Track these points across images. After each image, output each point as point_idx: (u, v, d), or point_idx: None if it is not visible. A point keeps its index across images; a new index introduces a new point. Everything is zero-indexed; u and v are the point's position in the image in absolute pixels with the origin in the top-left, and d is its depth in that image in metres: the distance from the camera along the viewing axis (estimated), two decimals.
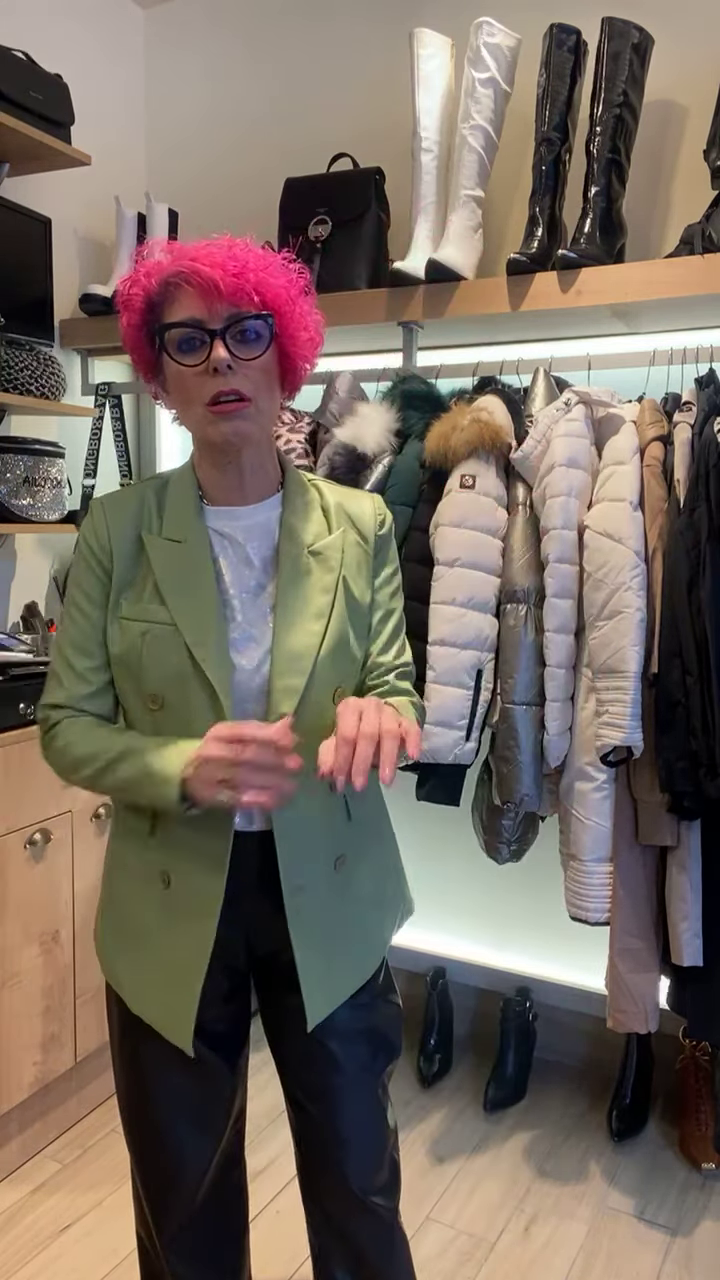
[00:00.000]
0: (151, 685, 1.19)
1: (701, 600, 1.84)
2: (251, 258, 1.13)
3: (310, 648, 1.20)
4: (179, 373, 1.16)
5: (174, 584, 1.19)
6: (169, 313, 1.15)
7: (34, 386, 2.33)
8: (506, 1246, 1.94)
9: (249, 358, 1.14)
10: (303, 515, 1.26)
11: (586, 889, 2.01)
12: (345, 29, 2.60)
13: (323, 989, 1.26)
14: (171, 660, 1.18)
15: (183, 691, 1.18)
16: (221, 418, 1.14)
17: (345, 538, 1.27)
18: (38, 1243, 1.94)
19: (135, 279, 1.17)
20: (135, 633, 1.19)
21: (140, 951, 1.26)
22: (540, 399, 2.11)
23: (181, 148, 2.87)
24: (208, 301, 1.12)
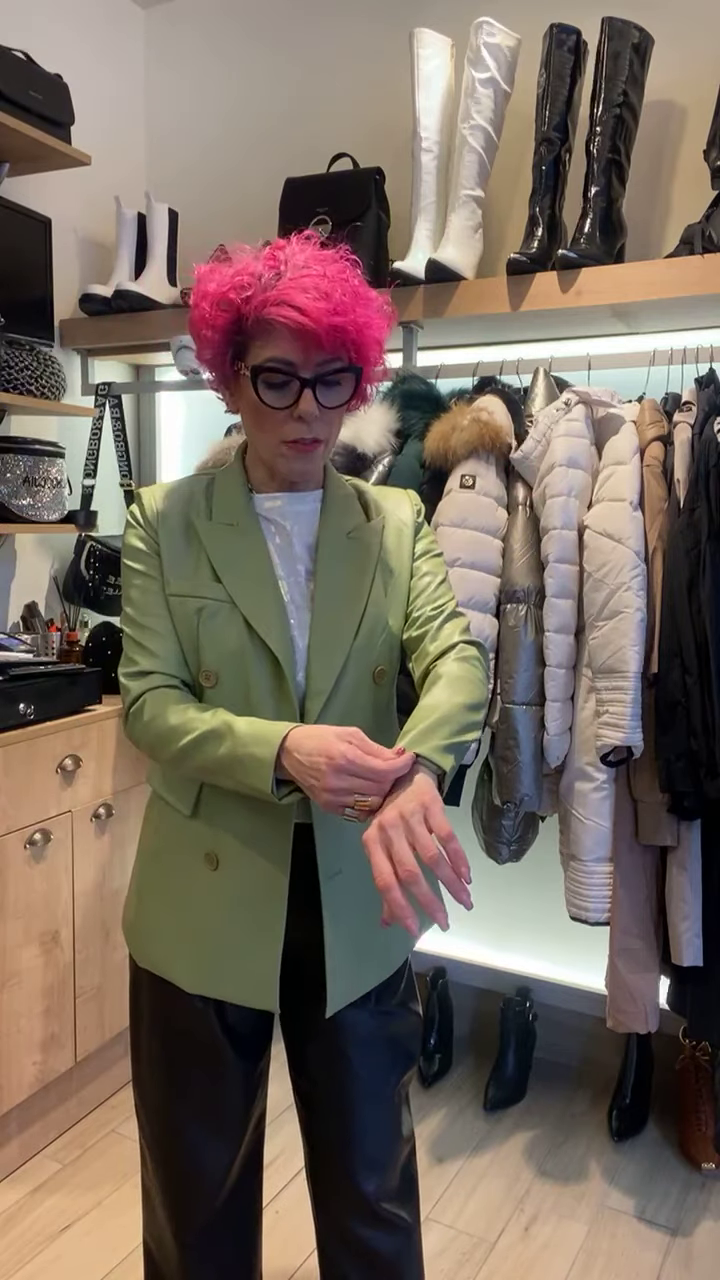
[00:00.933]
0: (209, 662, 1.21)
1: (701, 600, 1.84)
2: (351, 304, 1.13)
3: (349, 627, 1.23)
4: (260, 406, 1.18)
5: (230, 563, 1.22)
6: (261, 343, 1.15)
7: (34, 386, 2.33)
8: (506, 1246, 1.94)
9: (334, 405, 1.18)
10: (343, 505, 1.31)
11: (586, 889, 2.01)
12: (345, 29, 2.60)
13: (346, 976, 1.25)
14: (230, 636, 1.20)
15: (241, 667, 1.20)
16: (296, 456, 1.20)
17: (384, 523, 1.32)
18: (38, 1243, 1.94)
19: (223, 294, 1.14)
20: (190, 609, 1.21)
21: (196, 932, 1.25)
22: (540, 399, 2.11)
23: (181, 148, 2.87)
24: (305, 349, 1.14)
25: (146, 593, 1.24)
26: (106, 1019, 2.32)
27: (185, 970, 1.26)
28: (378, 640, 1.26)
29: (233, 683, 1.21)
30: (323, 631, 1.22)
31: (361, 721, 1.26)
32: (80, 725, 2.18)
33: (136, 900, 1.34)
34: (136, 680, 1.23)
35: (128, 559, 1.27)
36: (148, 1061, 1.33)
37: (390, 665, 1.30)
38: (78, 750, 2.18)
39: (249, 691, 1.20)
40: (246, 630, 1.20)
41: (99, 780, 2.26)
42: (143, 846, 1.35)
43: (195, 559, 1.24)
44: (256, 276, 1.13)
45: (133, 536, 1.27)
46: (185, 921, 1.26)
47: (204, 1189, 1.32)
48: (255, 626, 1.19)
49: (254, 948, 1.23)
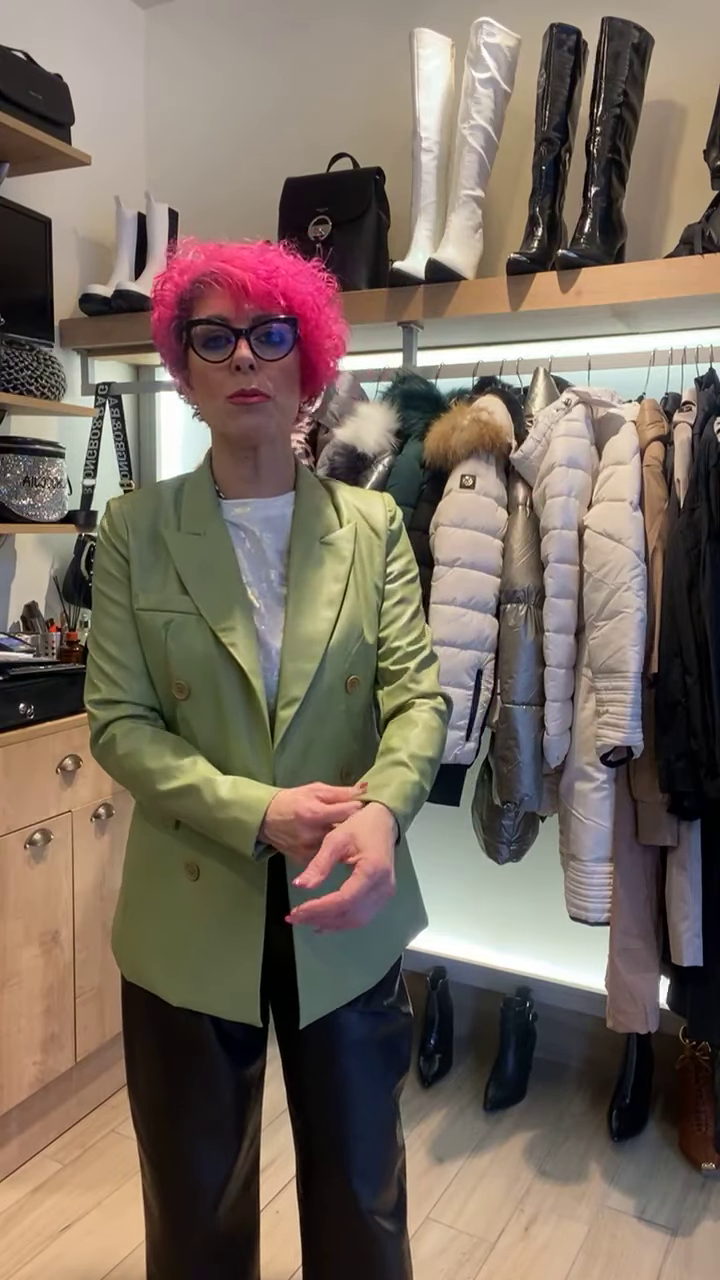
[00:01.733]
0: (178, 674, 1.21)
1: (701, 600, 1.84)
2: (282, 263, 1.18)
3: (322, 634, 1.23)
4: (203, 368, 1.20)
5: (196, 574, 1.23)
6: (198, 310, 1.19)
7: (34, 386, 2.33)
8: (506, 1246, 1.94)
9: (272, 359, 1.19)
10: (315, 509, 1.30)
11: (586, 889, 2.01)
12: (345, 29, 2.60)
13: (322, 987, 1.25)
14: (198, 648, 1.20)
15: (211, 679, 1.20)
16: (241, 409, 1.18)
17: (357, 530, 1.31)
18: (38, 1243, 1.94)
19: (169, 275, 1.21)
20: (158, 624, 1.22)
21: (178, 944, 1.25)
22: (540, 399, 2.11)
23: (181, 148, 2.87)
24: (236, 302, 1.16)
25: (116, 621, 1.25)
26: (106, 1019, 2.32)
27: (170, 984, 1.26)
28: (352, 649, 1.26)
29: (204, 694, 1.21)
30: (295, 639, 1.22)
31: (335, 729, 1.26)
32: (80, 725, 2.18)
33: (122, 913, 1.34)
34: (103, 709, 1.24)
35: (98, 581, 1.28)
36: (143, 1074, 1.32)
37: (364, 674, 1.29)
38: (78, 750, 2.18)
39: (220, 703, 1.21)
40: (214, 641, 1.20)
41: (99, 780, 2.26)
42: (128, 859, 1.35)
43: (164, 571, 1.24)
44: (191, 262, 1.20)
45: (102, 557, 1.27)
46: (168, 934, 1.26)
47: (203, 1199, 1.32)
48: (222, 638, 1.19)
49: (234, 960, 1.23)
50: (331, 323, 1.24)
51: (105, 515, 1.29)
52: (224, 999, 1.24)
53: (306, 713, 1.22)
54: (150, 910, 1.28)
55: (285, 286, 1.17)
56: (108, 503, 1.30)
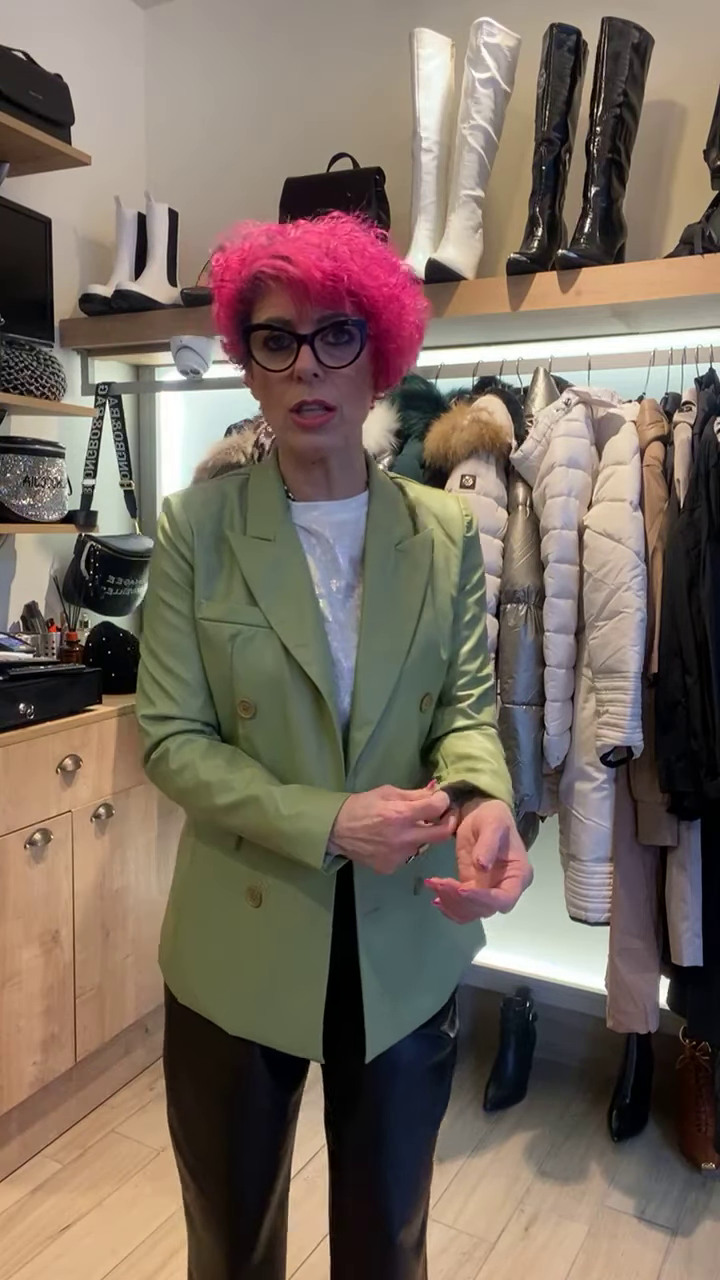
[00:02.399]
0: (244, 692, 1.12)
1: (701, 600, 1.84)
2: (351, 253, 1.04)
3: (400, 649, 1.14)
4: (264, 375, 1.10)
5: (266, 584, 1.12)
6: (259, 308, 1.08)
7: (34, 386, 2.33)
8: (506, 1246, 1.94)
9: (338, 365, 1.07)
10: (390, 513, 1.20)
11: (586, 889, 2.01)
12: (345, 29, 2.60)
13: (389, 1020, 1.17)
14: (267, 664, 1.10)
15: (279, 697, 1.11)
16: (304, 431, 1.09)
17: (433, 536, 1.21)
18: (38, 1243, 1.94)
19: (228, 263, 1.09)
20: (223, 636, 1.12)
21: (236, 971, 1.17)
22: (540, 399, 2.11)
23: (181, 148, 2.87)
24: (297, 303, 1.05)
25: (174, 630, 1.15)
26: (106, 1019, 2.32)
27: (227, 1012, 1.18)
28: (430, 665, 1.17)
29: (271, 713, 1.12)
30: (371, 655, 1.12)
31: (408, 750, 1.18)
32: (80, 725, 2.18)
33: (173, 935, 1.25)
34: (156, 725, 1.16)
35: (155, 585, 1.17)
36: (190, 1094, 1.25)
37: (435, 691, 1.21)
38: (78, 750, 2.18)
39: (288, 722, 1.11)
40: (284, 656, 1.10)
41: (99, 780, 2.25)
42: (180, 879, 1.25)
43: (228, 578, 1.14)
44: (252, 251, 1.08)
45: (162, 559, 1.17)
46: (225, 960, 1.18)
47: (245, 1216, 1.27)
48: (294, 653, 1.10)
49: (297, 992, 1.15)
50: (408, 312, 1.11)
51: (165, 514, 1.18)
52: (285, 1031, 1.16)
53: (381, 735, 1.13)
54: (206, 934, 1.20)
55: (354, 281, 1.03)
56: (166, 499, 1.19)
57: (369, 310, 1.07)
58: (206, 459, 2.28)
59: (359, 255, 1.05)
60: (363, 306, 1.06)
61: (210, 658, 1.14)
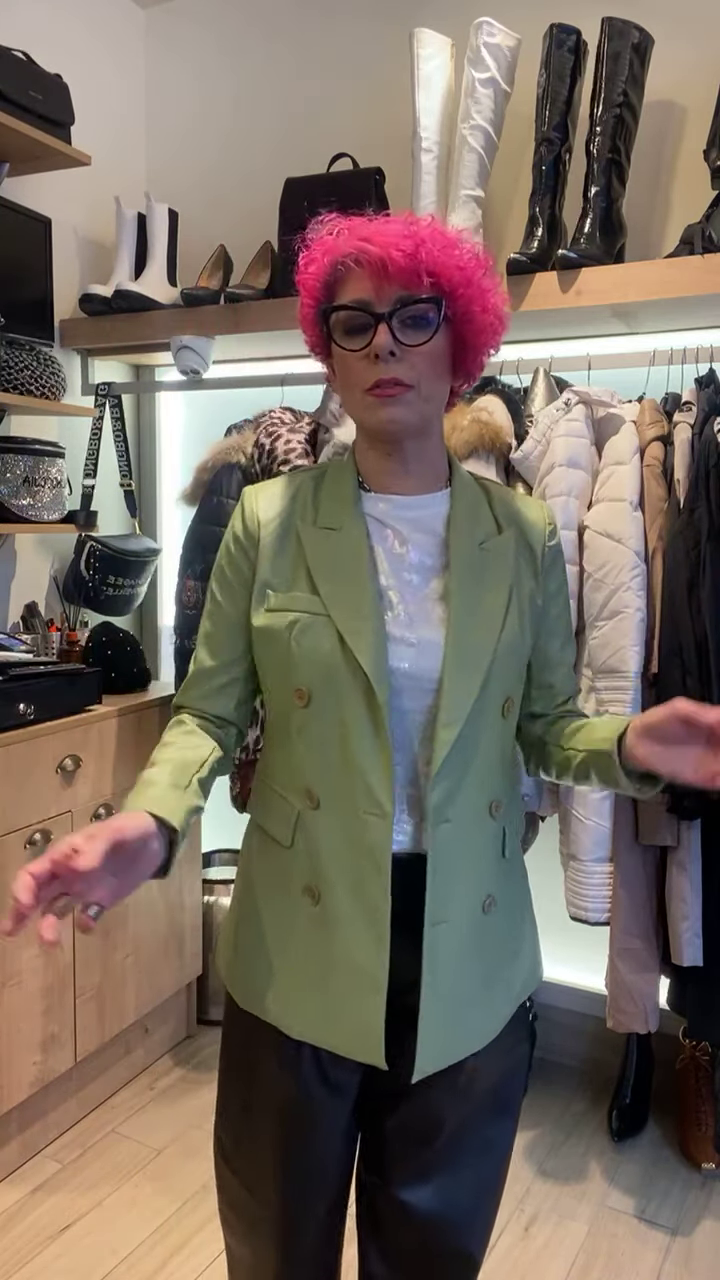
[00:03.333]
0: (300, 679, 1.11)
1: (701, 600, 1.84)
2: (429, 235, 1.06)
3: (488, 648, 1.12)
4: (343, 356, 1.11)
5: (327, 571, 1.12)
6: (340, 294, 1.10)
7: (34, 386, 2.33)
8: (506, 1246, 1.94)
9: (415, 344, 1.08)
10: (472, 512, 1.18)
11: (586, 889, 2.01)
12: (345, 29, 2.60)
13: (441, 1039, 1.13)
14: (323, 650, 1.10)
15: (333, 685, 1.10)
16: (379, 402, 1.08)
17: (517, 539, 1.20)
18: (38, 1243, 1.94)
19: (311, 257, 1.12)
20: (283, 624, 1.12)
21: (297, 973, 1.15)
22: (540, 399, 2.11)
23: (181, 148, 2.87)
24: (376, 283, 1.07)
25: (217, 625, 1.20)
26: (106, 1019, 2.32)
27: (289, 1015, 1.15)
28: (512, 668, 1.15)
29: (326, 702, 1.10)
30: (459, 651, 1.10)
31: (490, 754, 1.15)
32: (80, 725, 2.18)
33: (233, 936, 1.23)
34: (175, 712, 1.24)
35: (214, 577, 1.22)
36: (243, 1106, 1.21)
37: (517, 697, 1.19)
38: (78, 750, 2.18)
39: (343, 713, 1.10)
40: (339, 644, 1.09)
41: (99, 780, 2.26)
42: (241, 878, 1.24)
43: (293, 569, 1.14)
44: (334, 242, 1.11)
45: (225, 554, 1.20)
46: (288, 962, 1.15)
47: (304, 1231, 1.22)
48: (347, 639, 1.08)
49: (358, 994, 1.11)
50: (487, 296, 1.11)
51: (240, 508, 1.19)
52: (349, 1035, 1.12)
53: (466, 737, 1.11)
54: (266, 935, 1.18)
55: (431, 261, 1.05)
56: (246, 490, 1.21)
57: (447, 291, 1.08)
58: (206, 459, 2.28)
59: (438, 238, 1.07)
60: (440, 287, 1.07)
61: (270, 649, 1.14)
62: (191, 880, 2.59)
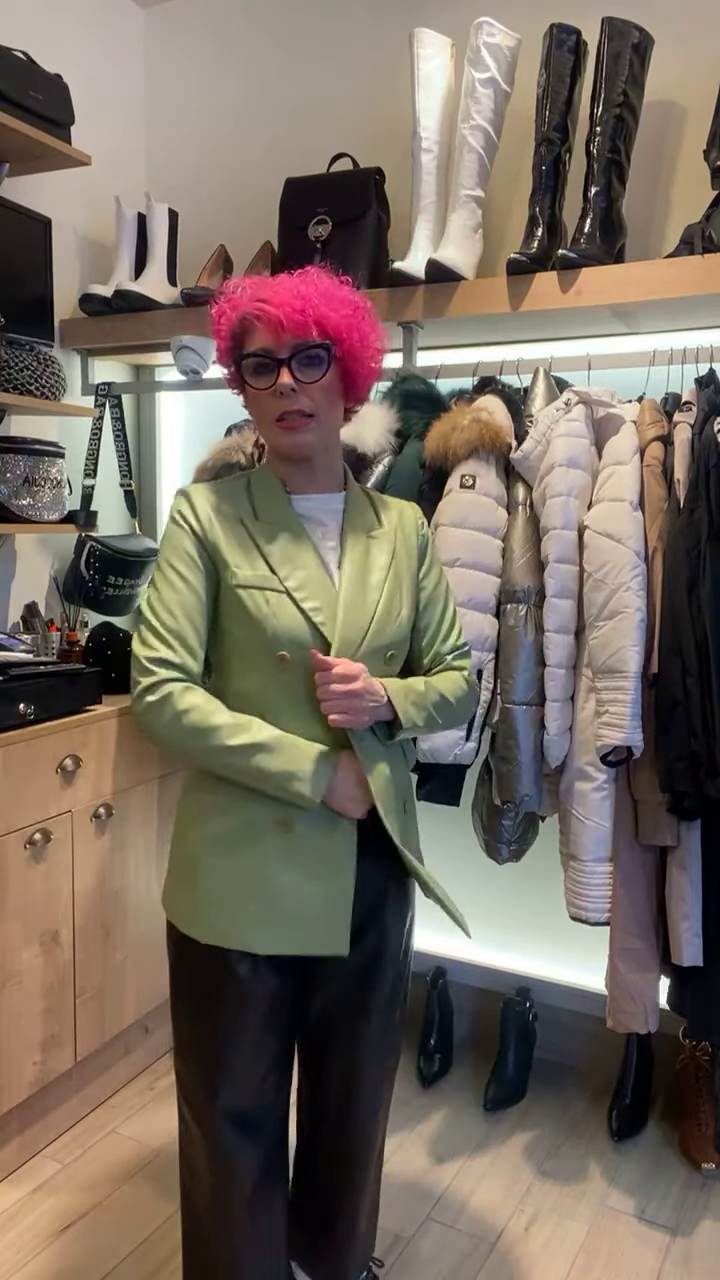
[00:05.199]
0: (281, 645, 1.37)
1: (701, 600, 1.84)
2: (315, 293, 1.34)
3: (369, 611, 1.42)
4: (254, 394, 1.39)
5: (281, 559, 1.39)
6: (247, 342, 1.38)
7: (34, 386, 2.33)
8: (506, 1246, 1.94)
9: (310, 381, 1.36)
10: (361, 509, 1.50)
11: (586, 889, 2.01)
12: (345, 29, 2.60)
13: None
14: (297, 622, 1.37)
15: (303, 650, 1.37)
16: (286, 432, 1.38)
17: (395, 532, 1.51)
18: (38, 1243, 1.94)
19: (222, 309, 1.40)
20: (260, 599, 1.37)
21: (268, 896, 1.38)
22: (540, 399, 2.11)
23: (181, 148, 2.87)
24: (275, 335, 1.34)
25: (180, 595, 1.38)
26: (106, 1019, 2.32)
27: (259, 935, 1.38)
28: (390, 626, 1.44)
29: (298, 664, 1.38)
30: (347, 613, 1.40)
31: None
32: (80, 725, 2.18)
33: (192, 880, 1.42)
34: (160, 667, 1.36)
35: (169, 555, 1.40)
36: (197, 1020, 1.44)
37: (399, 651, 1.48)
38: (78, 750, 2.18)
39: (309, 669, 1.37)
40: (303, 617, 1.37)
41: (99, 780, 2.26)
42: (194, 834, 1.43)
43: (252, 556, 1.39)
44: (237, 300, 1.38)
45: (179, 536, 1.40)
46: (256, 888, 1.38)
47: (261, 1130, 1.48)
48: (310, 615, 1.37)
49: (329, 896, 1.40)
50: (368, 336, 1.40)
51: (185, 500, 1.42)
52: (316, 936, 1.39)
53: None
54: (232, 870, 1.39)
55: (318, 315, 1.33)
56: (185, 490, 1.43)
57: (333, 336, 1.36)
58: (206, 459, 2.28)
59: (323, 294, 1.35)
60: (328, 333, 1.35)
61: (246, 621, 1.38)
62: None
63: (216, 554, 1.39)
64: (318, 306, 1.33)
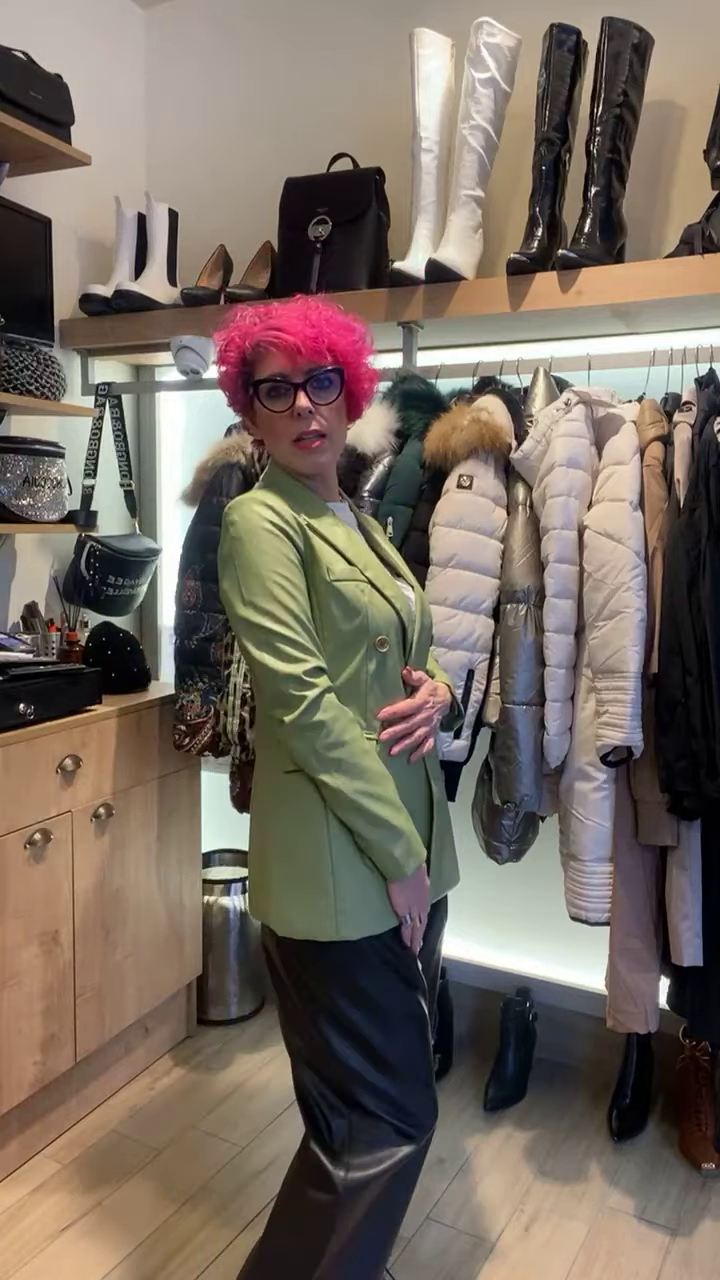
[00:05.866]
0: (379, 629, 1.48)
1: (701, 600, 1.84)
2: (324, 320, 1.45)
3: (419, 599, 1.61)
4: (269, 416, 1.48)
5: (351, 554, 1.50)
6: (260, 368, 1.47)
7: (34, 386, 2.33)
8: (506, 1246, 1.94)
9: (325, 402, 1.47)
10: (359, 516, 1.66)
11: (586, 889, 2.01)
12: (345, 29, 2.60)
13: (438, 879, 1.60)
14: (387, 607, 1.50)
15: (393, 633, 1.51)
16: (305, 453, 1.49)
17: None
18: (38, 1243, 1.94)
19: (231, 339, 1.48)
20: (355, 590, 1.46)
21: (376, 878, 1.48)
22: (540, 399, 2.11)
23: (181, 148, 2.87)
24: (292, 360, 1.44)
25: (297, 601, 1.43)
26: (106, 1019, 2.32)
27: (387, 909, 1.48)
28: (428, 612, 1.64)
29: (394, 646, 1.51)
30: (423, 603, 1.62)
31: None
32: (80, 725, 2.18)
33: (324, 882, 1.45)
34: (318, 676, 1.41)
35: (273, 565, 1.41)
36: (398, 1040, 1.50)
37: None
38: (78, 750, 2.18)
39: (394, 655, 1.51)
40: (389, 604, 1.50)
41: (99, 780, 2.26)
42: (311, 830, 1.47)
43: (329, 553, 1.47)
44: (250, 328, 1.47)
45: (276, 543, 1.43)
46: (371, 872, 1.47)
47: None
48: (392, 600, 1.51)
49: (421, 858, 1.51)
50: (366, 359, 1.52)
51: (264, 507, 1.44)
52: (435, 883, 1.58)
53: (419, 657, 1.59)
54: (363, 863, 1.46)
55: (330, 342, 1.44)
56: (257, 499, 1.46)
57: (342, 361, 1.47)
58: (206, 459, 2.28)
59: (330, 322, 1.46)
60: (338, 359, 1.47)
61: (346, 611, 1.46)
62: (191, 881, 2.59)
63: (309, 553, 1.46)
64: (329, 334, 1.44)
